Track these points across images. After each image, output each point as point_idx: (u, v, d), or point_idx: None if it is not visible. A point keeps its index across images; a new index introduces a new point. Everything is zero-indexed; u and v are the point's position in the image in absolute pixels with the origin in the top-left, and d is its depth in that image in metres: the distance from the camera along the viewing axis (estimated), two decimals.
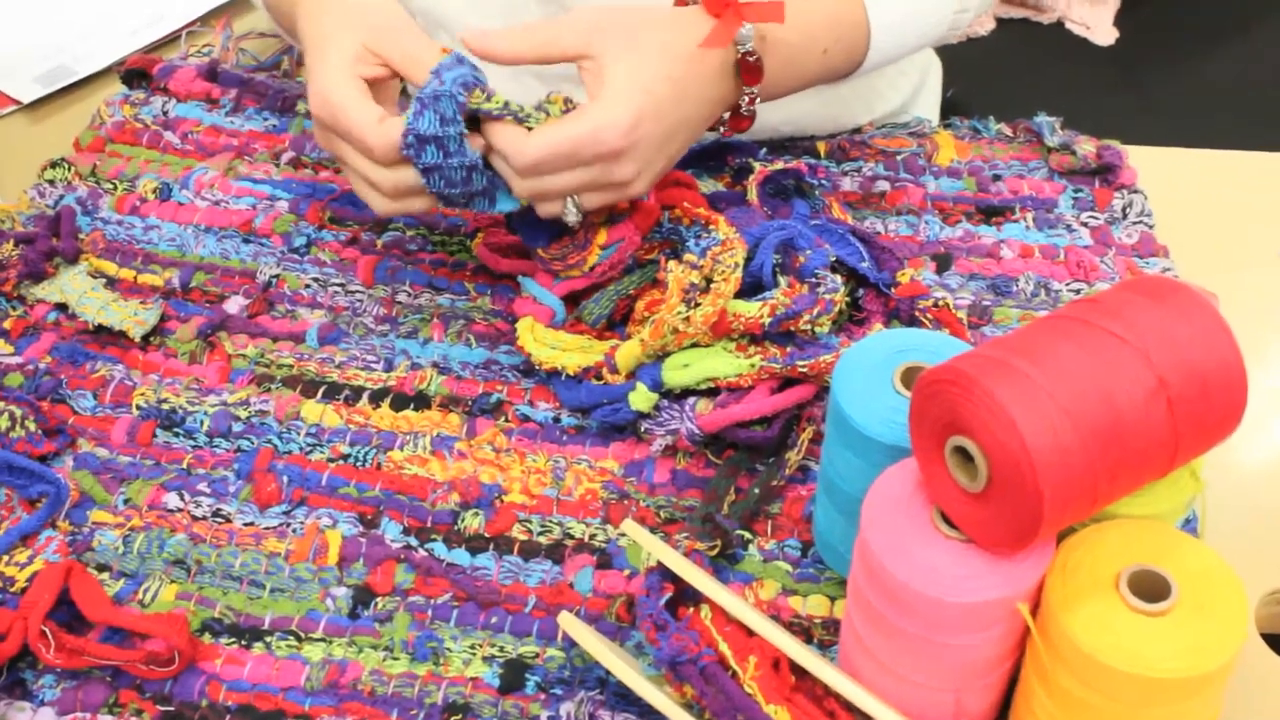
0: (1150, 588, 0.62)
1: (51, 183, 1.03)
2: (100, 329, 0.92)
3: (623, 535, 0.80)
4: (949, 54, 1.26)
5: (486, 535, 0.81)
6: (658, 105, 0.82)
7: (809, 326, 0.84)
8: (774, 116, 1.04)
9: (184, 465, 0.85)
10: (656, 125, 0.82)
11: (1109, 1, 1.92)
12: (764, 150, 1.03)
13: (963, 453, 0.62)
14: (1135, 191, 1.02)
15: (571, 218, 0.84)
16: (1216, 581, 0.62)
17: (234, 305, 0.94)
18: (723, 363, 0.83)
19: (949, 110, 1.24)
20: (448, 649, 0.75)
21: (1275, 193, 1.06)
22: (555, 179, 0.82)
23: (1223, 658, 0.60)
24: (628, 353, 0.84)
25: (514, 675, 0.74)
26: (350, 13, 0.86)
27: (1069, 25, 1.90)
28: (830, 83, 0.96)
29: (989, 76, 1.71)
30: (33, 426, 0.84)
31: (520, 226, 0.89)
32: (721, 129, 0.91)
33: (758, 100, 0.89)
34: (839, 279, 0.86)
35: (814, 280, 0.85)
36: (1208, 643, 0.60)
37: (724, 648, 0.69)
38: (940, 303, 0.88)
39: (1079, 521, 0.64)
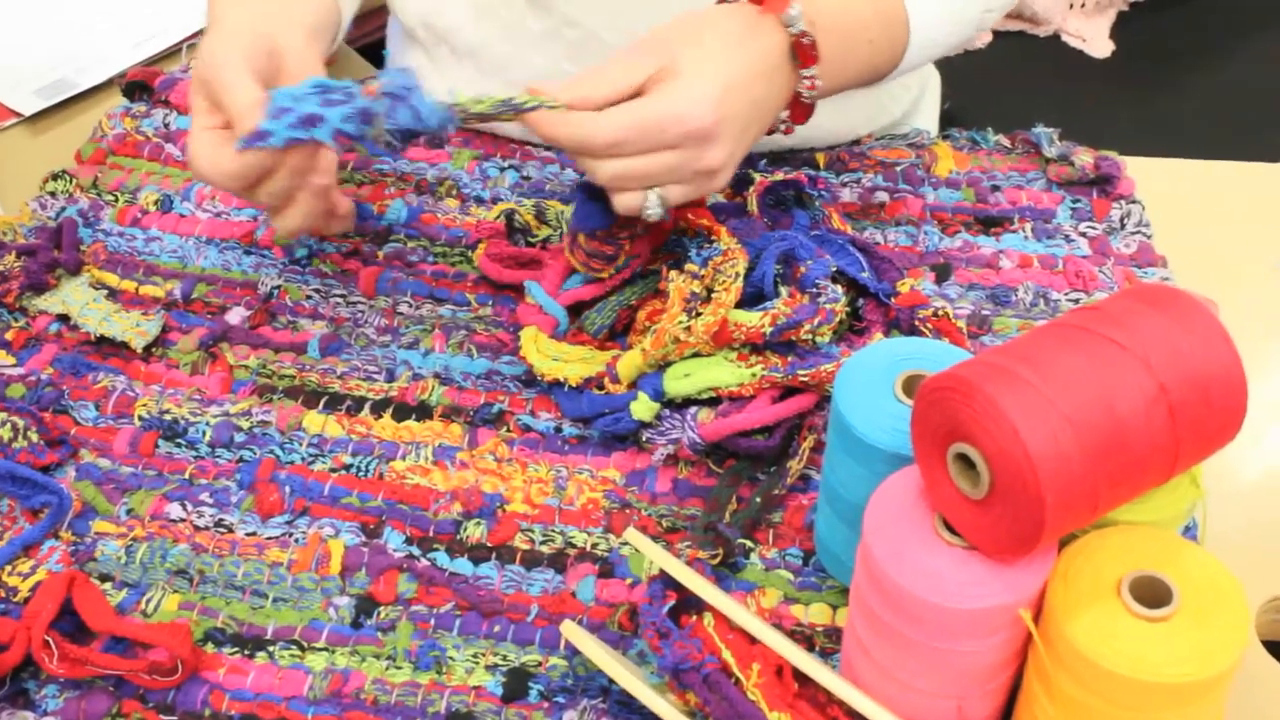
0: (1152, 593, 0.62)
1: (53, 195, 1.04)
2: (102, 340, 0.92)
3: (625, 544, 0.81)
4: (946, 66, 1.27)
5: (489, 545, 0.81)
6: (732, 87, 0.81)
7: (810, 336, 0.84)
8: None
9: (186, 476, 0.85)
10: (737, 104, 0.81)
11: (1105, 14, 1.93)
12: (764, 161, 1.03)
13: (965, 460, 0.63)
14: (1133, 202, 1.02)
15: (653, 212, 0.81)
16: (1218, 587, 0.63)
17: (235, 316, 0.94)
18: (724, 372, 0.83)
19: (947, 122, 1.25)
20: (450, 658, 0.75)
21: (1272, 203, 1.07)
22: (642, 162, 0.80)
23: (1225, 663, 0.60)
24: (629, 363, 0.84)
25: (517, 684, 0.74)
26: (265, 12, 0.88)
27: (1065, 38, 1.91)
28: (872, 82, 0.95)
29: (986, 89, 1.73)
30: (35, 437, 0.85)
31: (580, 204, 0.87)
32: (783, 127, 0.90)
33: (817, 84, 0.87)
34: (839, 289, 0.86)
35: (815, 290, 0.85)
36: (1209, 648, 0.61)
37: (727, 655, 0.69)
38: (940, 312, 0.88)
39: (1080, 528, 0.64)
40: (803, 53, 0.86)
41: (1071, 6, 1.93)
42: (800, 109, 0.89)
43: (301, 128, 0.80)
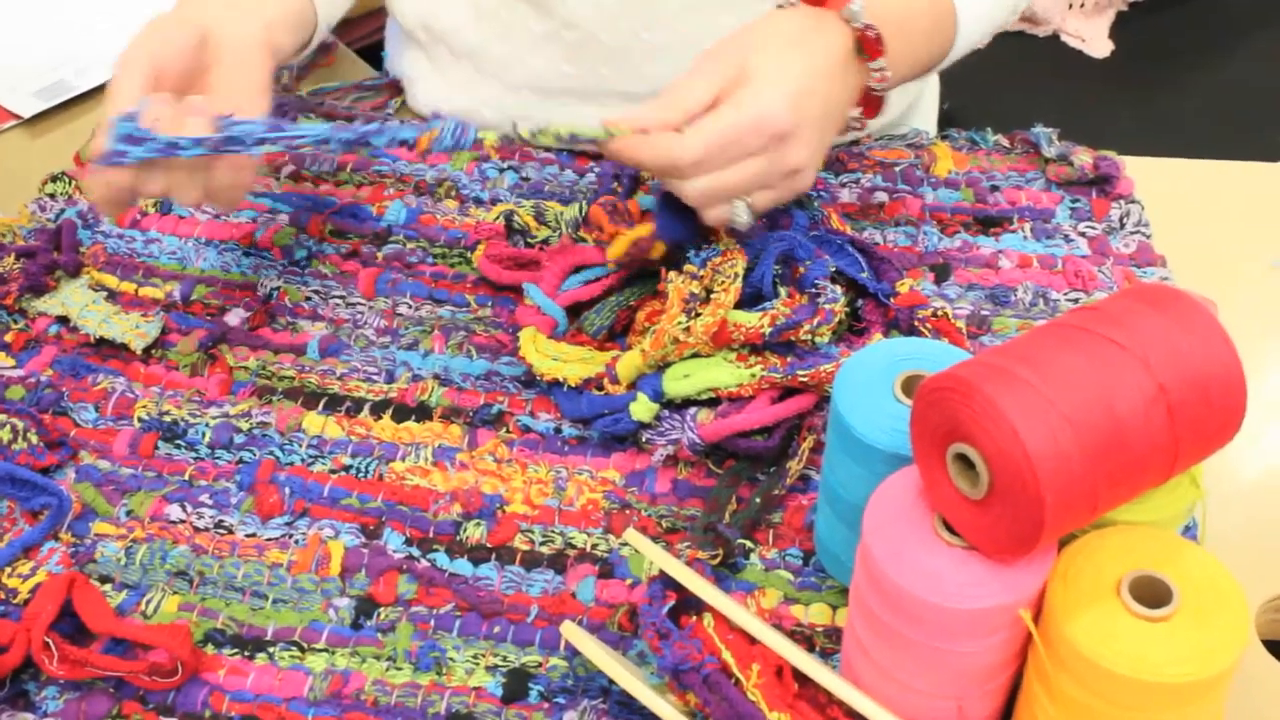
0: (1152, 593, 0.62)
1: (52, 196, 1.04)
2: (101, 341, 0.92)
3: (625, 545, 0.81)
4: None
5: (489, 545, 0.81)
6: (805, 85, 0.81)
7: (809, 336, 0.84)
8: None
9: (186, 477, 0.85)
10: (813, 102, 0.81)
11: (1104, 14, 1.93)
12: None
13: (964, 460, 0.63)
14: (1132, 202, 1.02)
15: (743, 219, 0.82)
16: (1217, 587, 0.63)
17: (235, 318, 0.94)
18: (723, 373, 0.83)
19: (946, 123, 1.25)
20: (451, 659, 0.75)
21: (1271, 202, 1.07)
22: (729, 175, 0.80)
23: (1224, 663, 0.60)
24: (629, 363, 0.84)
25: (517, 685, 0.74)
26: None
27: (1064, 38, 1.91)
28: (925, 74, 0.96)
29: (985, 89, 1.73)
30: (35, 439, 0.85)
31: (661, 213, 0.86)
32: (856, 124, 0.90)
33: (887, 75, 0.87)
34: (839, 289, 0.86)
35: (814, 290, 0.85)
36: (1209, 648, 0.61)
37: (727, 656, 0.69)
38: (939, 312, 0.88)
39: (1080, 528, 0.64)
40: (869, 45, 0.86)
41: (1071, 6, 1.93)
42: (872, 103, 0.89)
43: (162, 150, 0.80)
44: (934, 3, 0.92)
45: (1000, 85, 1.81)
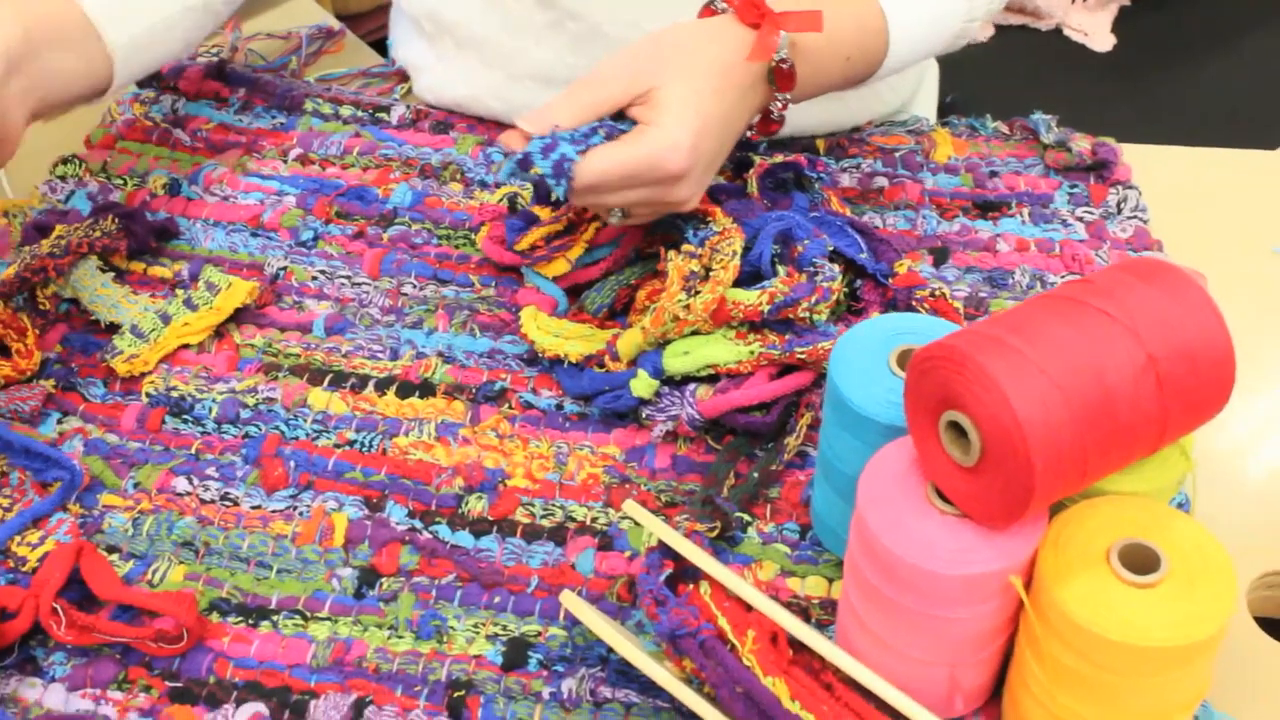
0: (1141, 561, 0.63)
1: (63, 178, 1.05)
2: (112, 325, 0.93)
3: (624, 518, 0.82)
4: (947, 60, 1.28)
5: (490, 518, 0.82)
6: (709, 124, 0.83)
7: (807, 314, 0.85)
8: None
9: (193, 451, 0.86)
10: (710, 143, 0.84)
11: (1107, 8, 1.94)
12: (764, 145, 1.04)
13: (956, 428, 0.64)
14: (1130, 187, 1.03)
15: (615, 221, 0.86)
16: (1205, 555, 0.64)
17: None
18: (722, 350, 0.84)
19: (947, 116, 1.26)
20: (451, 628, 0.77)
21: (1267, 189, 1.07)
22: (612, 198, 0.83)
23: (1212, 628, 0.61)
24: (629, 341, 0.85)
25: (516, 653, 0.75)
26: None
27: (1067, 32, 1.92)
28: (845, 89, 0.97)
29: (988, 82, 1.74)
30: None
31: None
32: (749, 133, 0.92)
33: (789, 104, 0.90)
34: (837, 268, 0.87)
35: (812, 269, 0.86)
36: (1197, 613, 0.62)
37: (723, 622, 0.70)
38: (937, 293, 0.89)
39: (1070, 496, 0.65)
40: (781, 78, 0.88)
41: (1073, 1, 1.94)
42: (769, 123, 0.91)
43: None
44: (860, 28, 0.92)
45: (1003, 79, 1.81)
